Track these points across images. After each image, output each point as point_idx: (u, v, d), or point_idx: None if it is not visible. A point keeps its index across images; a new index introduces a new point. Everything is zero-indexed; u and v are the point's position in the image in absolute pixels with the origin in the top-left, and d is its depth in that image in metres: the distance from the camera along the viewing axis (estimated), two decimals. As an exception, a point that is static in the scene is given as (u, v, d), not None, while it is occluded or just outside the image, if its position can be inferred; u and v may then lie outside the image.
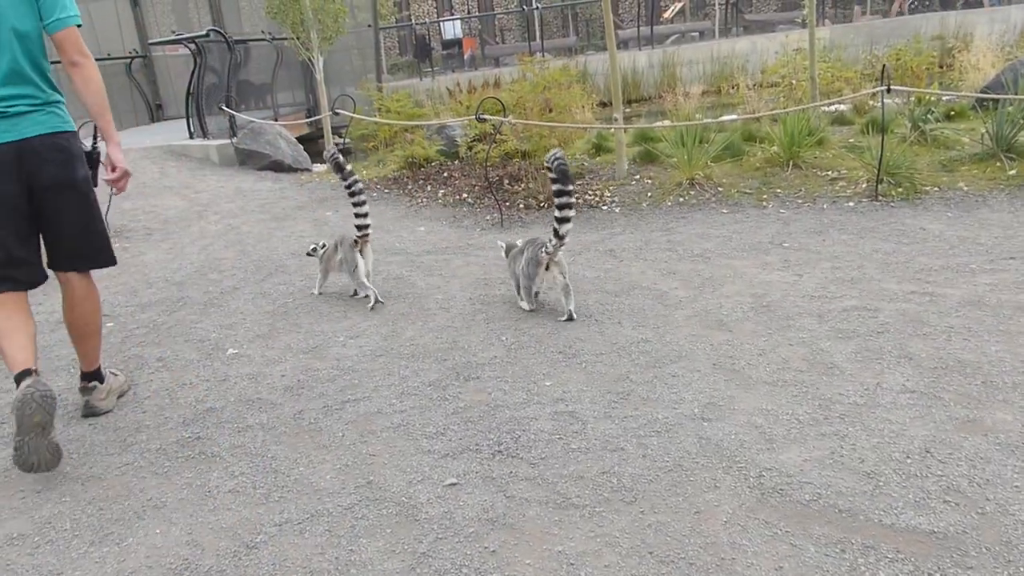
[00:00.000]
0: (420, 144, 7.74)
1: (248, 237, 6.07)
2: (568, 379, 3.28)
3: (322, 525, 2.38)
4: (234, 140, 9.52)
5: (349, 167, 4.28)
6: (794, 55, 10.66)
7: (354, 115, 8.00)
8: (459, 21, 22.62)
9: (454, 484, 2.54)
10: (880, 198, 5.59)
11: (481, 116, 6.07)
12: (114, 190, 3.13)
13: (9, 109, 2.77)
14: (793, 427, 2.76)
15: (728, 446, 2.65)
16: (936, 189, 5.64)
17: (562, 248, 3.89)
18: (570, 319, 3.92)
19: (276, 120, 11.65)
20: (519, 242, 4.25)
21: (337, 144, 9.70)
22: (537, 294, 4.10)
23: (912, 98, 7.46)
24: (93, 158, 3.10)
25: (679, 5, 23.29)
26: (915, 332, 3.43)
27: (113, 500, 2.63)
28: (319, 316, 4.26)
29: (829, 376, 3.11)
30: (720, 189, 6.10)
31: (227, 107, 9.65)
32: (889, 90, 5.58)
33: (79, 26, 2.89)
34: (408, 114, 7.88)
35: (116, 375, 3.48)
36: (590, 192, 6.37)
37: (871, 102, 8.51)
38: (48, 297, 4.62)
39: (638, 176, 6.67)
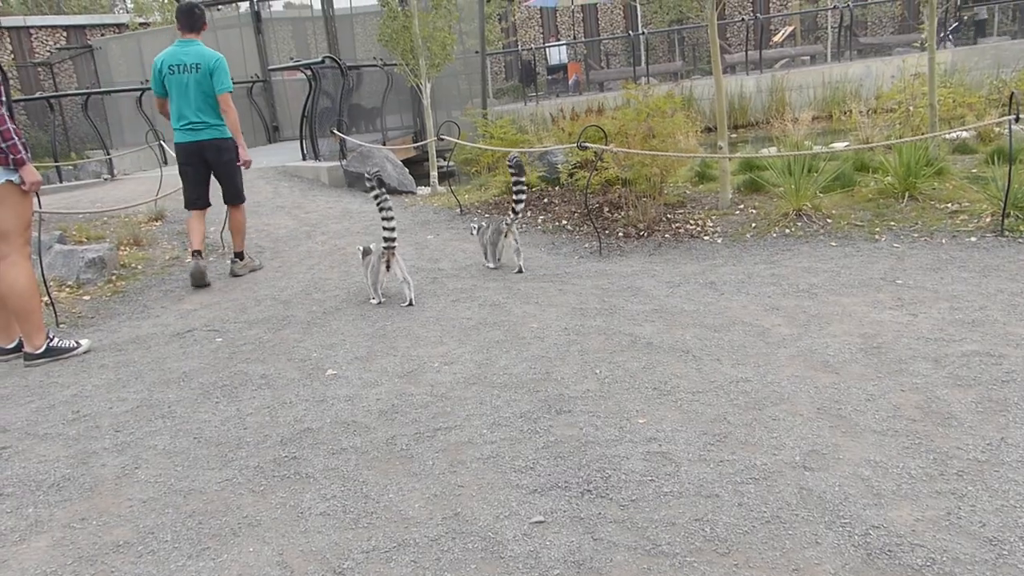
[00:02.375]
0: (521, 170, 7.79)
1: (352, 259, 6.25)
2: (662, 417, 3.19)
3: (408, 555, 2.38)
4: (343, 162, 9.87)
5: (383, 188, 5.07)
6: (912, 80, 10.16)
7: (458, 141, 8.15)
8: (565, 46, 22.78)
9: (541, 522, 2.51)
10: (1006, 233, 5.22)
11: (583, 144, 6.05)
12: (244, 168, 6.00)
13: (198, 125, 5.73)
14: (904, 482, 2.58)
15: (831, 499, 2.50)
16: (1072, 226, 5.22)
17: (516, 222, 5.62)
18: (520, 272, 5.56)
19: (384, 143, 12.03)
20: (483, 223, 5.98)
21: (442, 167, 9.92)
22: (499, 257, 5.78)
23: (1045, 126, 6.95)
24: (236, 152, 5.92)
25: (790, 29, 22.68)
26: (1046, 384, 3.16)
27: (212, 514, 2.72)
28: (416, 341, 4.32)
29: (946, 427, 2.89)
30: (829, 221, 5.84)
31: (338, 131, 10.03)
32: (1018, 119, 5.22)
33: (231, 91, 5.75)
34: (511, 140, 7.96)
35: (253, 259, 6.33)
36: (691, 222, 6.24)
37: (997, 130, 7.99)
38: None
39: (742, 206, 6.48)
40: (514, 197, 5.56)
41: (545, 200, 7.48)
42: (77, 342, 4.59)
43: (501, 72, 25.53)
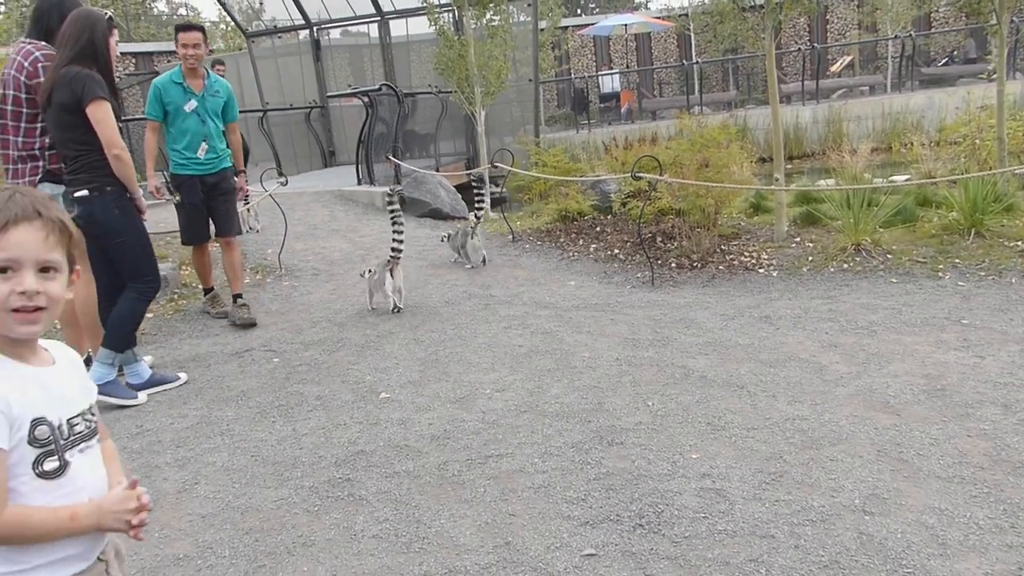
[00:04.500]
0: (575, 198, 7.82)
1: (405, 282, 6.33)
2: (716, 453, 3.15)
3: (460, 583, 2.39)
4: (397, 187, 10.04)
5: (398, 205, 5.88)
6: (978, 112, 9.92)
7: (512, 168, 8.23)
8: (617, 75, 22.87)
9: (592, 555, 2.49)
10: (1079, 274, 5.04)
11: (637, 174, 6.06)
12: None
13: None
14: (972, 532, 2.50)
15: (893, 546, 2.43)
16: None
17: (478, 225, 6.75)
18: (484, 262, 6.78)
19: (438, 169, 12.20)
20: (451, 231, 7.03)
21: (494, 193, 10.00)
22: (473, 257, 6.73)
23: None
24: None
25: (848, 59, 22.40)
26: (1123, 434, 3.03)
27: (268, 532, 2.77)
28: (468, 366, 4.35)
29: (1017, 477, 2.79)
30: (889, 256, 5.72)
31: (393, 157, 10.21)
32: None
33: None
34: (563, 169, 8.01)
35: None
36: (746, 254, 6.17)
37: (1070, 166, 7.73)
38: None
39: (798, 239, 6.39)
40: (476, 206, 6.85)
41: (598, 229, 7.48)
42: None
43: (553, 100, 25.72)
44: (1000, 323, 4.38)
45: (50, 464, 1.33)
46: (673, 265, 6.19)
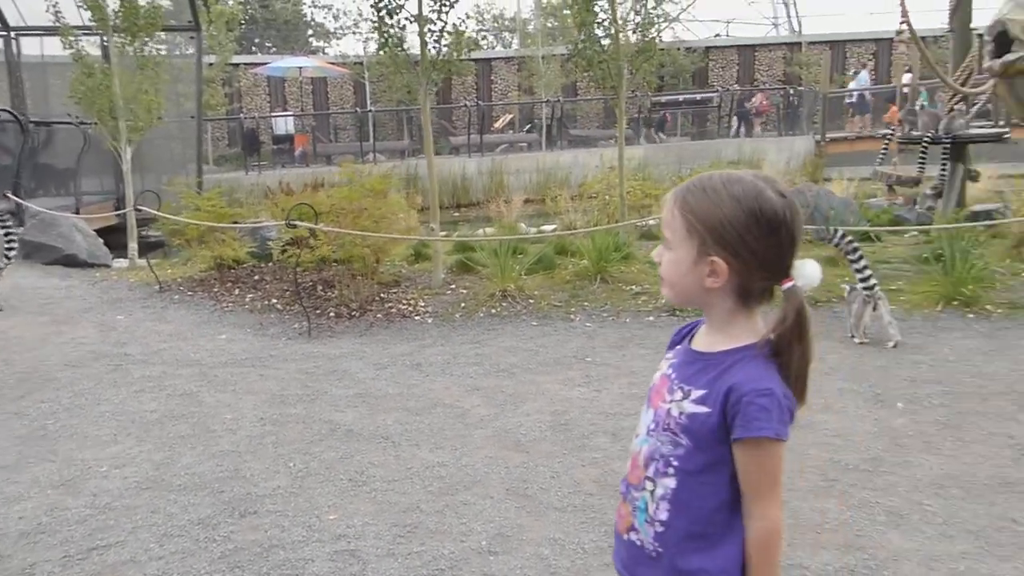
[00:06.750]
0: (231, 245, 7.39)
1: (16, 343, 5.43)
2: (355, 511, 3.08)
3: None
4: (20, 231, 8.67)
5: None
6: (609, 171, 11.39)
7: (157, 213, 7.56)
8: (292, 117, 22.47)
9: (203, 649, 2.25)
10: (677, 313, 5.90)
11: (291, 222, 5.90)
12: None
13: None
14: (578, 557, 2.72)
15: (510, 585, 2.55)
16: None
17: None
18: None
19: (78, 210, 10.81)
20: None
21: (150, 237, 9.10)
22: None
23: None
24: None
25: (509, 117, 24.48)
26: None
27: None
28: (83, 440, 3.80)
29: (615, 499, 3.10)
30: (531, 301, 6.22)
31: (14, 195, 8.83)
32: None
33: None
34: (219, 214, 7.54)
35: None
36: (404, 301, 6.30)
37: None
38: None
39: (454, 286, 6.69)
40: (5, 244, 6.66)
41: (256, 277, 7.15)
42: None
43: (224, 138, 24.47)
44: (616, 359, 4.95)
45: None
46: (332, 314, 6.10)
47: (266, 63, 24.37)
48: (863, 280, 4.84)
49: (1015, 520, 2.84)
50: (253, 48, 34.87)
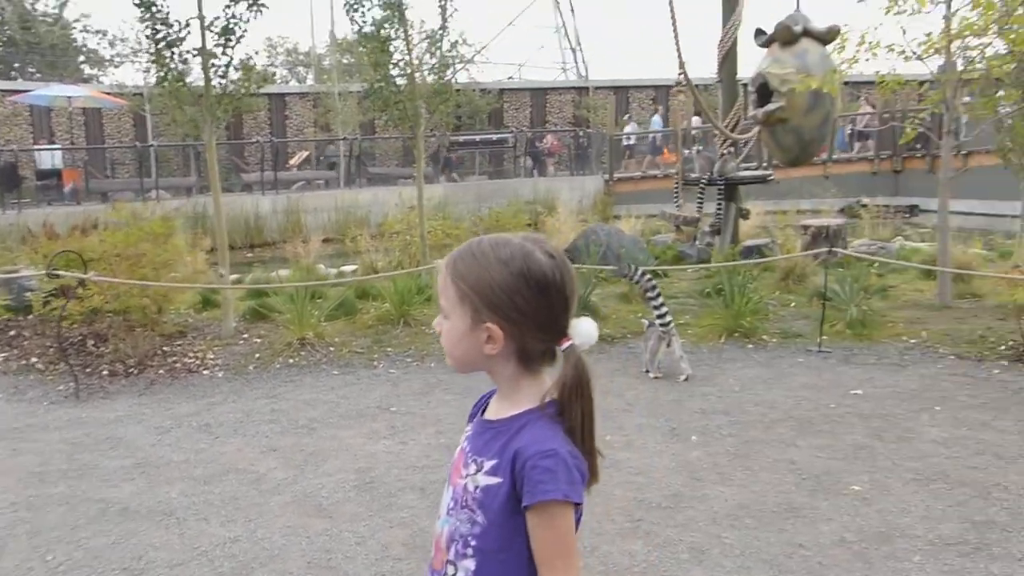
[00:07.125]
0: (-22, 296, 6.44)
1: None
2: (129, 607, 2.70)
3: None
4: None
5: None
6: (409, 211, 11.33)
7: None
8: (60, 150, 20.32)
9: None
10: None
11: (53, 272, 5.23)
12: None
13: None
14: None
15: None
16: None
17: None
18: None
19: None
20: None
21: None
22: None
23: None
24: None
25: (305, 154, 23.80)
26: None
27: None
28: None
29: (421, 562, 2.97)
30: (332, 349, 5.95)
31: None
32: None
33: None
34: (-40, 261, 6.56)
35: None
36: (191, 354, 5.79)
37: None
38: None
39: (247, 335, 6.26)
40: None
41: (12, 333, 6.27)
42: None
43: (-24, 172, 21.61)
44: (421, 406, 4.82)
45: None
46: (105, 373, 5.46)
47: (28, 90, 21.96)
48: (660, 316, 5.10)
49: (802, 545, 3.04)
50: (13, 73, 31.34)
